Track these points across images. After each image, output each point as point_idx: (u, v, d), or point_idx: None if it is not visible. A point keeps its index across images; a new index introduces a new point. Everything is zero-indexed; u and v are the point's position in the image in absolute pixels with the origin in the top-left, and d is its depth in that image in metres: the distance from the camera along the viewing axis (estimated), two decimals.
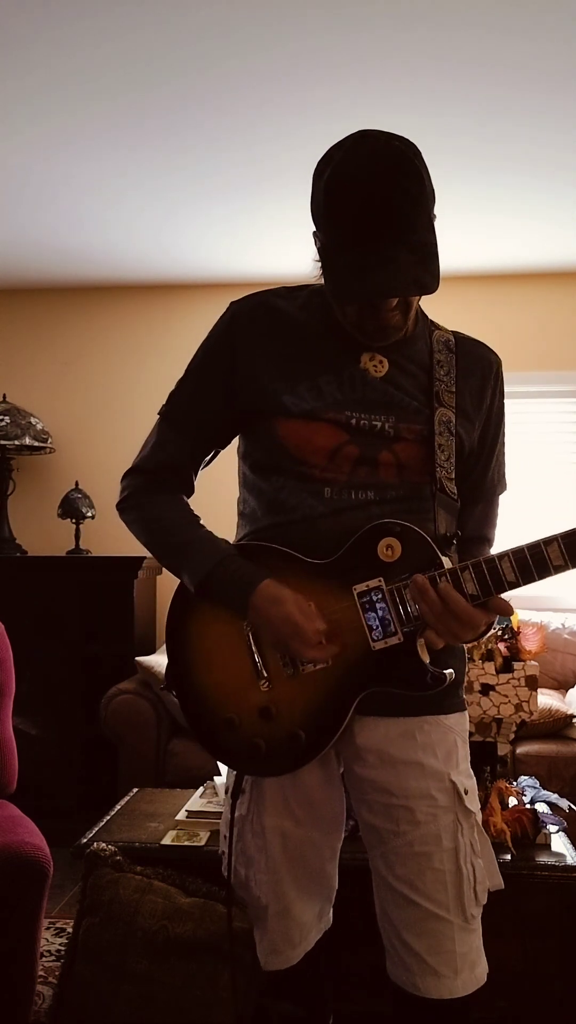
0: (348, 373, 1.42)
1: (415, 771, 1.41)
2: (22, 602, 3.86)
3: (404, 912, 1.40)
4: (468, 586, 1.30)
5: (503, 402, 1.56)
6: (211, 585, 1.40)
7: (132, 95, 2.68)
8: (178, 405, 1.51)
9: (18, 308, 4.54)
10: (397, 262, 1.25)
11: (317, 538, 1.39)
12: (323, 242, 1.34)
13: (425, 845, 1.39)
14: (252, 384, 1.43)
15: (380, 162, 1.26)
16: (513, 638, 2.25)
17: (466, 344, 1.53)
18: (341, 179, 1.27)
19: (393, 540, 1.35)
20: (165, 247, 3.93)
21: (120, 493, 1.53)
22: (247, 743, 1.42)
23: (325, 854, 1.54)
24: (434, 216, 1.31)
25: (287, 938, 1.52)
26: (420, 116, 2.78)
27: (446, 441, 1.42)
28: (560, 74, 2.54)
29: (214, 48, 2.44)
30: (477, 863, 1.42)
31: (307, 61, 2.51)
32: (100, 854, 2.08)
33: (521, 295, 4.29)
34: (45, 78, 2.58)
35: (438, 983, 1.38)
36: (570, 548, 1.26)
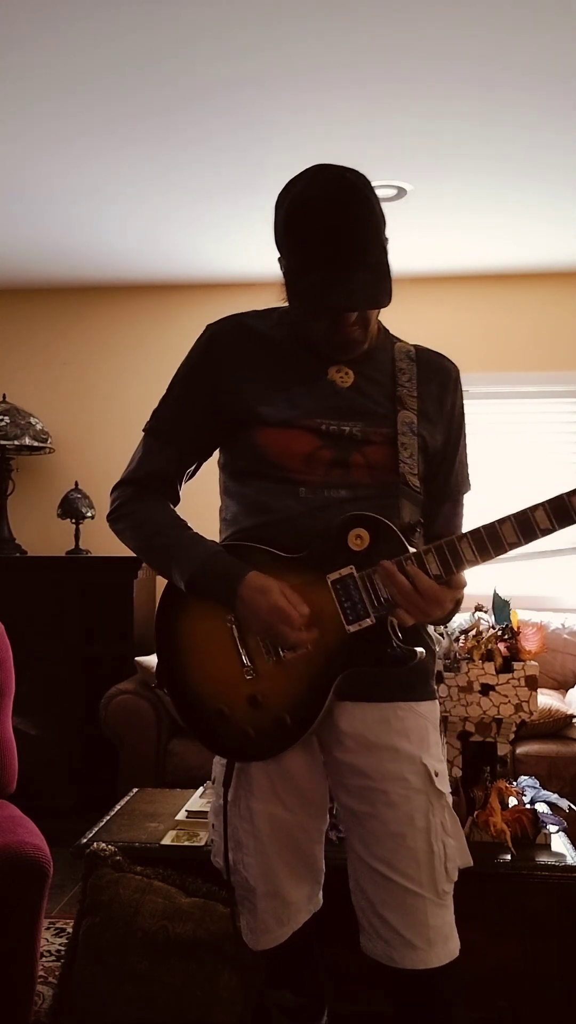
0: (318, 384, 1.54)
1: (390, 755, 1.50)
2: (22, 602, 3.86)
3: (380, 889, 1.49)
4: (431, 567, 1.42)
5: (463, 408, 1.68)
6: (200, 581, 1.50)
7: (129, 98, 2.67)
8: (163, 419, 1.62)
9: (18, 308, 4.54)
10: (353, 281, 1.39)
11: (295, 536, 1.50)
12: (286, 267, 1.48)
13: (399, 825, 1.48)
14: (232, 397, 1.55)
15: (334, 192, 1.41)
16: (513, 638, 2.25)
17: (426, 354, 1.65)
18: (299, 208, 1.42)
19: (362, 531, 1.47)
20: (164, 247, 3.93)
21: (110, 505, 1.64)
22: (238, 731, 1.52)
23: (313, 837, 1.62)
24: (386, 240, 1.45)
25: (276, 917, 1.59)
26: (418, 118, 2.78)
27: (409, 440, 1.54)
28: (561, 75, 2.54)
29: (209, 51, 2.44)
30: (448, 842, 1.51)
31: (303, 63, 2.50)
32: (100, 854, 2.08)
33: (521, 295, 4.28)
34: (44, 82, 2.58)
35: (413, 954, 1.47)
36: (522, 525, 1.40)
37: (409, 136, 2.91)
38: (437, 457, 1.61)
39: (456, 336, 4.30)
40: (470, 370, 4.55)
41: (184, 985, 1.92)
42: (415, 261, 4.08)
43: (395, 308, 1.67)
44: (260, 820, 1.56)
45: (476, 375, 4.29)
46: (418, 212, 3.51)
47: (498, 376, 4.29)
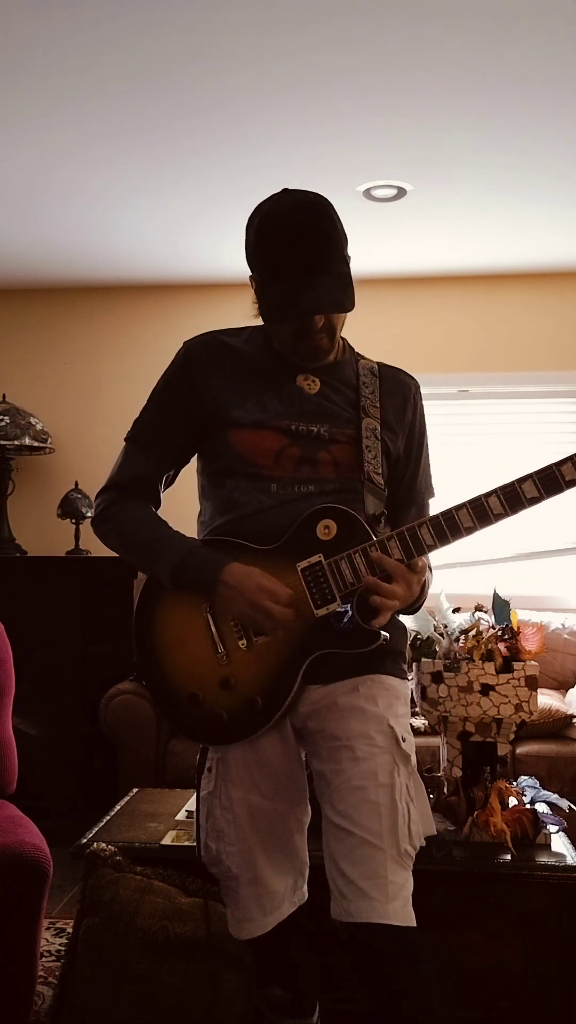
0: (287, 391, 1.66)
1: (357, 715, 1.58)
2: (22, 602, 3.85)
3: (342, 843, 1.52)
4: (394, 552, 1.53)
5: (424, 419, 1.79)
6: (183, 572, 1.59)
7: (134, 104, 2.68)
8: (144, 428, 1.73)
9: (18, 308, 4.54)
10: (319, 287, 1.52)
11: (266, 528, 1.60)
12: (258, 279, 1.61)
13: (362, 780, 1.54)
14: (207, 404, 1.66)
15: (301, 209, 1.54)
16: (513, 638, 2.25)
17: (388, 371, 1.77)
18: (269, 224, 1.55)
19: (330, 521, 1.57)
20: (165, 248, 3.93)
21: (95, 510, 1.74)
22: (210, 714, 1.59)
23: (292, 826, 1.67)
24: (348, 256, 1.58)
25: (259, 905, 1.63)
26: (418, 119, 2.78)
27: (372, 444, 1.66)
28: (560, 76, 2.54)
29: (214, 59, 2.44)
30: (412, 807, 1.55)
31: (306, 67, 2.51)
32: (100, 854, 2.08)
33: (521, 295, 4.29)
34: (51, 92, 2.59)
35: (370, 906, 1.46)
36: (477, 511, 1.51)
37: (409, 136, 2.91)
38: (400, 463, 1.73)
39: (456, 336, 4.30)
40: (469, 370, 4.55)
41: (184, 985, 1.92)
42: (415, 261, 4.08)
43: (394, 308, 1.69)
44: (239, 807, 1.62)
45: (475, 375, 4.30)
46: (418, 212, 3.51)
47: (498, 376, 4.29)
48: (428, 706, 2.21)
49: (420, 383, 1.81)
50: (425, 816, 1.59)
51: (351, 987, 1.93)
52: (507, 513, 1.51)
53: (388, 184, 3.25)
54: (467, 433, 4.27)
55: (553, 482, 1.49)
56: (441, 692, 2.19)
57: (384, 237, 3.77)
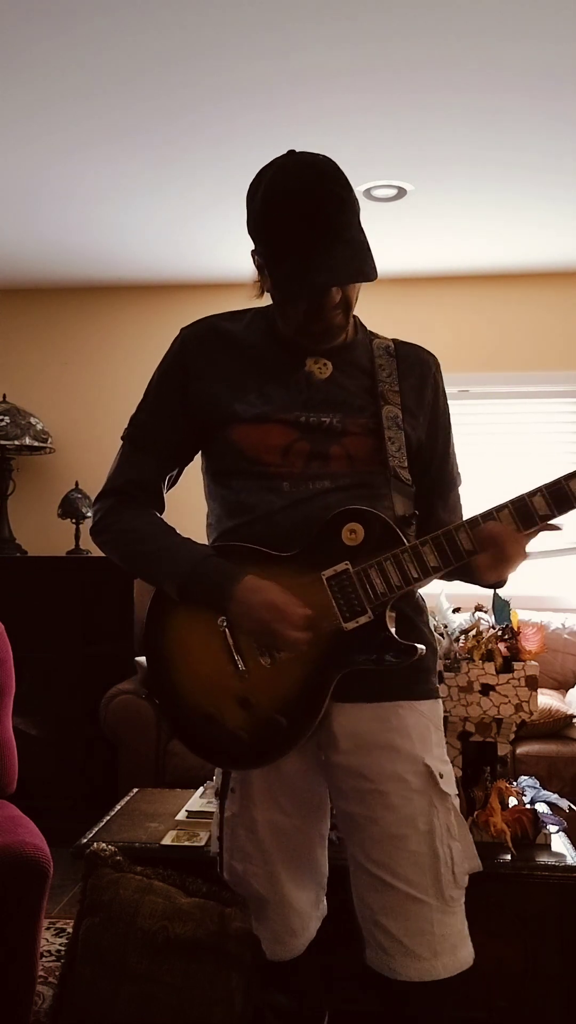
0: (294, 378, 1.52)
1: (389, 755, 1.45)
2: (22, 602, 3.85)
3: (381, 896, 1.44)
4: (430, 559, 1.40)
5: (447, 400, 1.65)
6: (192, 586, 1.46)
7: (135, 102, 2.68)
8: (141, 426, 1.60)
9: (18, 308, 4.54)
10: (336, 257, 1.37)
11: (279, 531, 1.46)
12: (265, 253, 1.45)
13: (400, 828, 1.43)
14: (205, 398, 1.53)
15: (309, 174, 1.39)
16: (513, 638, 2.25)
17: (405, 348, 1.62)
18: (276, 192, 1.39)
19: (356, 525, 1.43)
20: (165, 248, 3.93)
21: (93, 518, 1.59)
22: (229, 736, 1.46)
23: (315, 840, 1.60)
24: (361, 224, 1.43)
25: (288, 927, 1.57)
26: (418, 119, 2.78)
27: (395, 434, 1.51)
28: (560, 77, 2.54)
29: (215, 57, 2.44)
30: (454, 845, 1.45)
31: (306, 67, 2.51)
32: (100, 854, 2.08)
33: (521, 295, 4.29)
34: (52, 90, 2.59)
35: (417, 965, 1.40)
36: (521, 514, 1.38)
37: (409, 136, 2.91)
38: (424, 450, 1.58)
39: (456, 336, 4.30)
40: (470, 370, 4.54)
41: (184, 985, 1.92)
42: (415, 261, 4.08)
43: (394, 308, 1.67)
44: (263, 829, 1.53)
45: (476, 375, 4.30)
46: (418, 212, 3.51)
47: (498, 376, 4.29)
48: None
49: None
50: (469, 852, 1.48)
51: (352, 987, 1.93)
52: (553, 514, 1.39)
53: (388, 184, 3.24)
54: (468, 433, 4.27)
55: None
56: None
57: (384, 237, 3.77)
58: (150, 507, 1.59)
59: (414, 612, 1.55)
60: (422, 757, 1.46)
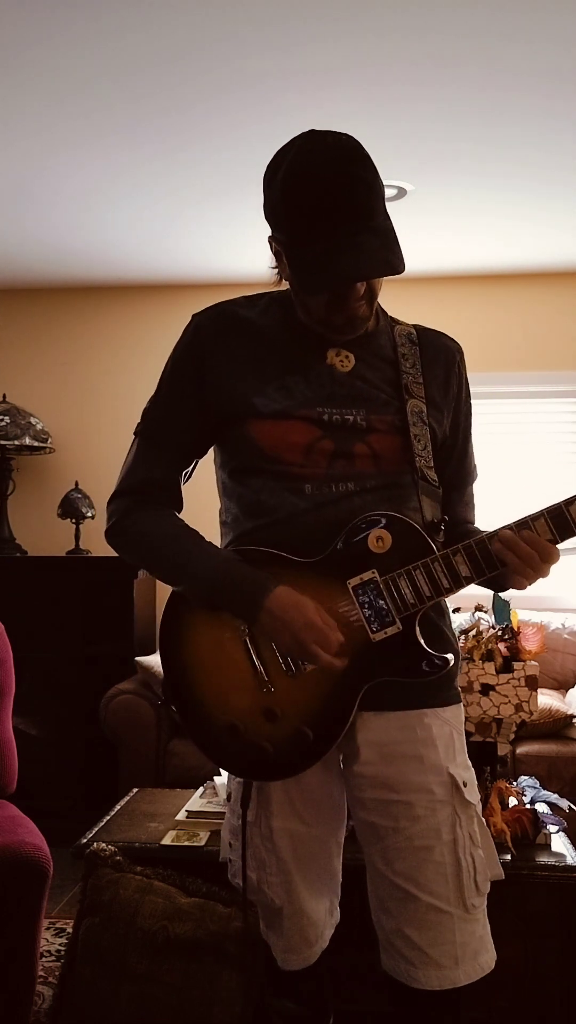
0: (315, 371, 1.44)
1: (415, 765, 1.41)
2: (22, 602, 3.86)
3: (405, 906, 1.41)
4: (461, 568, 1.35)
5: (468, 389, 1.59)
6: (220, 594, 1.39)
7: (131, 100, 2.67)
8: (153, 420, 1.52)
9: (18, 308, 4.54)
10: (363, 247, 1.29)
11: (301, 535, 1.40)
12: (286, 240, 1.36)
13: (425, 839, 1.40)
14: (222, 390, 1.44)
15: (333, 155, 1.29)
16: (513, 638, 2.25)
17: (428, 335, 1.56)
18: (298, 176, 1.30)
19: (383, 531, 1.37)
20: (165, 247, 3.93)
21: (107, 520, 1.52)
22: (253, 747, 1.41)
23: (332, 850, 1.56)
24: (387, 209, 1.35)
25: (303, 937, 1.53)
26: (418, 119, 2.77)
27: (421, 431, 1.44)
28: (561, 77, 2.54)
29: (212, 54, 2.44)
30: (477, 854, 1.43)
31: (305, 65, 2.50)
32: (100, 854, 2.08)
33: (521, 295, 4.28)
34: (46, 84, 2.58)
35: (440, 974, 1.39)
36: (558, 523, 1.33)
37: (409, 136, 2.91)
38: (447, 444, 1.52)
39: (456, 336, 4.29)
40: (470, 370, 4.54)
41: (184, 985, 1.92)
42: (415, 261, 4.08)
43: (394, 308, 1.65)
44: (280, 838, 1.49)
45: (476, 375, 4.27)
46: (418, 212, 3.51)
47: (498, 376, 4.29)
48: None
49: None
50: (491, 860, 1.47)
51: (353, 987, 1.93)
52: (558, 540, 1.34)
53: (388, 184, 3.24)
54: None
55: None
56: None
57: None
58: (168, 506, 1.52)
59: (438, 616, 1.49)
60: (447, 767, 1.42)
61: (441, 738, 1.43)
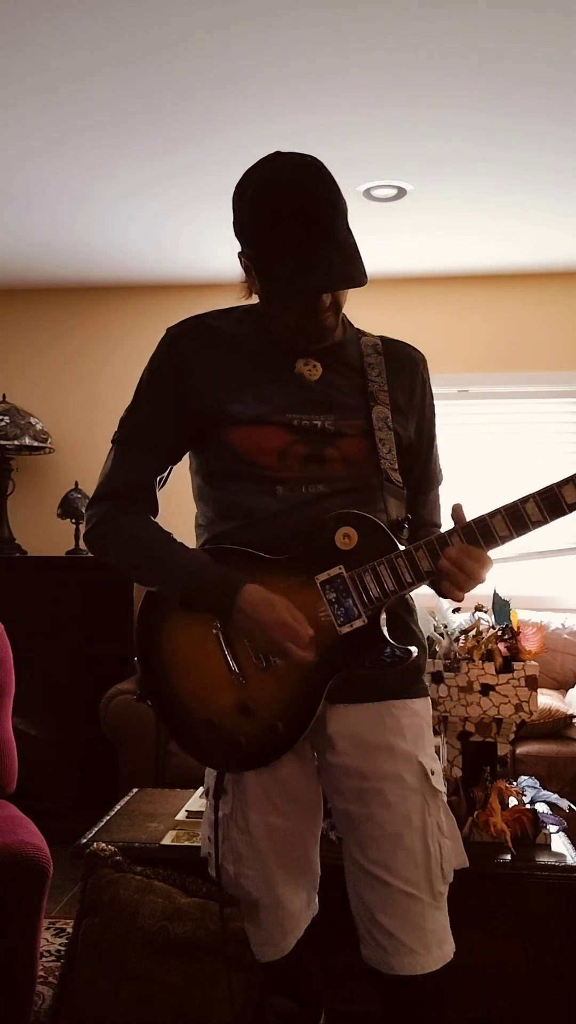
0: (286, 379, 1.51)
1: (386, 754, 1.48)
2: (22, 602, 3.85)
3: (377, 893, 1.47)
4: (423, 563, 1.42)
5: (432, 397, 1.66)
6: (194, 595, 1.45)
7: (130, 100, 2.67)
8: (131, 428, 1.59)
9: (18, 308, 4.54)
10: (329, 261, 1.37)
11: (276, 536, 1.46)
12: (255, 256, 1.44)
13: (396, 826, 1.46)
14: (198, 398, 1.51)
15: (298, 175, 1.38)
16: (513, 638, 2.25)
17: (393, 346, 1.62)
18: (265, 195, 1.39)
19: (350, 529, 1.44)
20: (164, 248, 3.93)
21: (86, 524, 1.57)
22: (228, 741, 1.47)
23: (309, 842, 1.61)
24: (349, 225, 1.43)
25: (280, 928, 1.58)
26: (418, 119, 2.77)
27: (386, 436, 1.52)
28: (560, 77, 2.54)
29: (210, 54, 2.43)
30: (444, 842, 1.49)
31: (304, 65, 2.50)
32: (100, 854, 2.08)
33: (520, 296, 4.28)
34: (45, 85, 2.58)
35: (412, 960, 1.45)
36: (513, 518, 1.39)
37: (409, 136, 2.91)
38: (412, 450, 1.59)
39: (455, 336, 4.30)
40: (469, 370, 4.55)
41: (184, 985, 1.92)
42: (415, 261, 4.08)
43: (394, 308, 1.66)
44: (257, 830, 1.53)
45: (475, 375, 4.30)
46: (418, 212, 3.51)
47: (497, 376, 4.29)
48: None
49: None
50: (457, 848, 1.55)
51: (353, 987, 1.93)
52: (546, 519, 1.38)
53: (388, 184, 3.24)
54: (467, 433, 4.27)
55: None
56: (441, 692, 2.19)
57: (384, 237, 3.77)
58: (145, 511, 1.57)
59: (405, 612, 1.56)
60: (416, 755, 1.49)
61: (411, 728, 1.50)
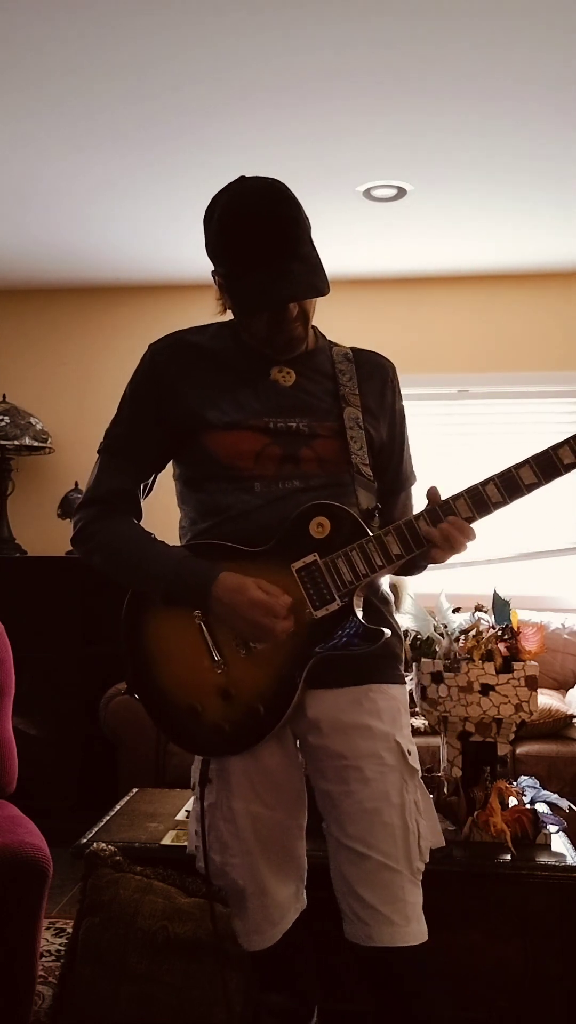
0: (262, 386, 1.60)
1: (364, 733, 1.54)
2: (22, 602, 3.85)
3: (357, 867, 1.51)
4: (392, 547, 1.50)
5: (402, 402, 1.75)
6: (174, 590, 1.53)
7: (132, 103, 2.68)
8: (115, 438, 1.67)
9: (18, 308, 4.54)
10: (293, 273, 1.47)
11: (254, 529, 1.54)
12: (224, 273, 1.55)
13: (374, 802, 1.51)
14: (179, 408, 1.60)
15: (262, 196, 1.50)
16: (513, 638, 2.25)
17: (363, 355, 1.72)
18: (233, 215, 1.50)
19: (323, 519, 1.52)
20: (164, 248, 3.93)
21: (74, 527, 1.66)
22: (212, 727, 1.54)
23: (294, 832, 1.65)
24: (312, 240, 1.53)
25: (267, 917, 1.62)
26: (418, 119, 2.78)
27: (357, 434, 1.61)
28: (560, 77, 2.54)
29: (210, 56, 2.44)
30: (421, 821, 1.54)
31: (309, 70, 2.51)
32: (100, 854, 2.08)
33: (520, 295, 4.28)
34: (46, 89, 2.58)
35: (392, 931, 1.48)
36: (475, 499, 1.50)
37: (409, 136, 2.91)
38: (384, 451, 1.68)
39: (456, 336, 4.30)
40: (470, 370, 4.54)
41: (184, 985, 1.92)
42: (415, 261, 4.08)
43: (394, 308, 1.68)
44: (242, 819, 1.58)
45: (476, 375, 4.30)
46: (418, 212, 3.51)
47: (497, 376, 4.29)
48: (428, 706, 2.20)
49: (420, 383, 1.78)
50: (433, 828, 1.59)
51: (352, 987, 1.93)
52: (505, 501, 1.51)
53: (388, 184, 3.24)
54: (467, 433, 4.26)
55: (551, 466, 1.54)
56: (441, 692, 2.19)
57: (384, 237, 3.77)
58: (128, 515, 1.65)
59: (382, 603, 1.64)
60: (393, 735, 1.55)
61: (387, 711, 1.57)
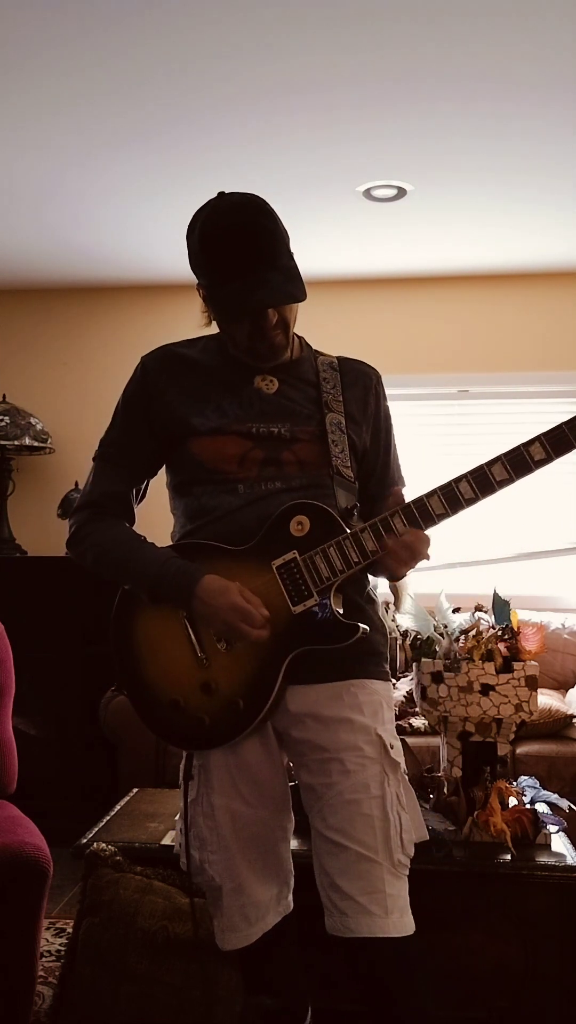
0: (246, 393, 1.66)
1: (344, 726, 1.56)
2: (22, 602, 3.85)
3: (336, 858, 1.52)
4: (368, 543, 1.54)
5: (388, 409, 1.79)
6: (159, 589, 1.57)
7: (132, 106, 2.68)
8: (108, 445, 1.73)
9: (18, 308, 4.54)
10: (270, 282, 1.52)
11: (237, 528, 1.59)
12: (206, 284, 1.60)
13: (355, 793, 1.53)
14: (167, 416, 1.66)
15: (240, 211, 1.55)
16: (513, 638, 2.25)
17: (348, 363, 1.76)
18: (212, 228, 1.55)
19: (303, 517, 1.57)
20: (164, 248, 3.93)
21: (69, 531, 1.72)
22: (193, 720, 1.58)
23: (276, 834, 1.67)
24: (292, 252, 1.58)
25: (243, 915, 1.62)
26: (418, 119, 2.78)
27: (338, 438, 1.65)
28: (560, 77, 2.54)
29: (214, 56, 2.44)
30: (403, 814, 1.55)
31: (310, 71, 2.51)
32: (100, 854, 2.08)
33: (520, 295, 4.28)
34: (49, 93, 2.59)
35: (371, 921, 1.48)
36: (448, 497, 1.53)
37: (409, 136, 2.91)
38: (369, 455, 1.72)
39: (456, 336, 4.30)
40: (470, 370, 4.54)
41: (184, 985, 1.92)
42: (415, 261, 4.08)
43: (394, 308, 1.68)
44: (221, 815, 1.60)
45: (476, 375, 4.30)
46: (418, 212, 3.51)
47: (498, 376, 4.29)
48: (428, 706, 2.21)
49: (420, 383, 1.79)
50: (417, 822, 1.60)
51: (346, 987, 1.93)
52: (478, 497, 1.54)
53: (388, 184, 3.24)
54: (467, 433, 4.26)
55: (522, 463, 1.57)
56: (441, 692, 2.19)
57: (384, 237, 3.77)
58: (120, 518, 1.71)
59: (366, 602, 1.68)
60: (374, 728, 1.57)
61: (368, 704, 1.59)
